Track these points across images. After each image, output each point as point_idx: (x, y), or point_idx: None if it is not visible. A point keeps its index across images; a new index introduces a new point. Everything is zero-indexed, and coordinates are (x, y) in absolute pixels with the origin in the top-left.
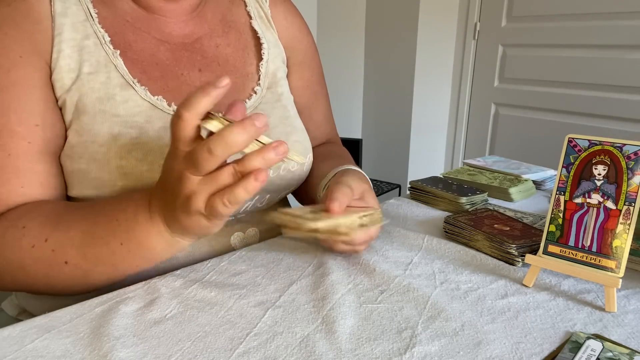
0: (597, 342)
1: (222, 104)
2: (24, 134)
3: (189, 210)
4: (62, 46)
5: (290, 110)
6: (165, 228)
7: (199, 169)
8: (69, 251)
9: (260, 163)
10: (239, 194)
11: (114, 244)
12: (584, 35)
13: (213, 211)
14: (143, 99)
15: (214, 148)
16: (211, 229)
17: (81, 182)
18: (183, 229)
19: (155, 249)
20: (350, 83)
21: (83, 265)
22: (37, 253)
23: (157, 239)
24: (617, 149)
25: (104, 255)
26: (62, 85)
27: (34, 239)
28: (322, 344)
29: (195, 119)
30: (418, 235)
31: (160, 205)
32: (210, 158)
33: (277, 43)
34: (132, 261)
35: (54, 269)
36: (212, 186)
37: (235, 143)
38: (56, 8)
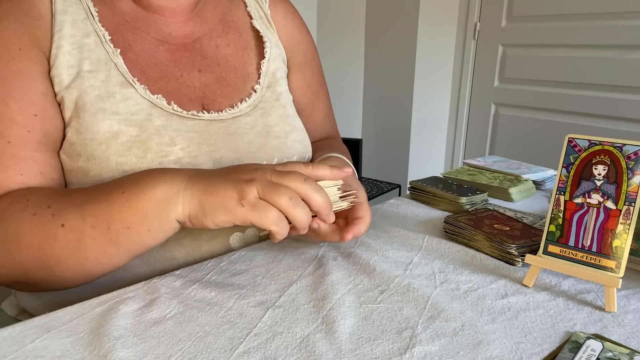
0: (597, 342)
1: (223, 103)
2: (24, 123)
3: (237, 186)
4: (62, 42)
5: (290, 109)
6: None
7: (281, 175)
8: (68, 212)
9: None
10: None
11: (116, 195)
12: (584, 35)
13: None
14: (143, 97)
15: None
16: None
17: (80, 180)
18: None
19: (153, 200)
20: (350, 83)
21: (79, 227)
22: (36, 220)
23: (162, 187)
24: (617, 149)
25: (102, 210)
26: (60, 82)
27: (36, 208)
28: (322, 344)
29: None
30: (418, 235)
31: (198, 172)
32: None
33: (278, 43)
34: (125, 217)
35: (49, 235)
36: (272, 192)
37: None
38: (57, 6)
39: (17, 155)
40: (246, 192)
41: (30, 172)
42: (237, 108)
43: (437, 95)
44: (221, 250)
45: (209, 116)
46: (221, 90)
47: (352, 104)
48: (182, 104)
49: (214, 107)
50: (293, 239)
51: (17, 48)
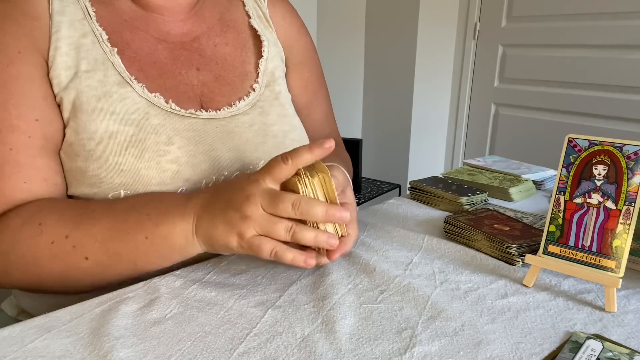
0: (597, 342)
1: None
2: (25, 129)
3: (234, 227)
4: (60, 44)
5: (288, 108)
6: (192, 227)
7: (273, 207)
8: (91, 247)
9: (310, 240)
10: (286, 257)
11: (140, 238)
12: (584, 35)
13: (254, 247)
14: (140, 97)
15: (298, 206)
16: (230, 252)
17: (79, 180)
18: (210, 237)
19: (175, 245)
20: (350, 83)
21: (104, 261)
22: (56, 249)
23: (180, 235)
24: (617, 149)
25: (127, 250)
26: (58, 83)
27: (52, 236)
28: (322, 344)
29: (295, 168)
30: (418, 235)
31: (202, 207)
32: (289, 209)
33: (276, 42)
34: (150, 257)
35: (71, 265)
36: (269, 228)
37: (315, 215)
38: (54, 6)
39: (19, 163)
40: (244, 233)
41: (34, 179)
42: (235, 107)
43: (437, 95)
44: None
45: (207, 115)
46: (219, 89)
47: (352, 104)
48: (181, 102)
49: (212, 106)
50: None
51: (16, 51)
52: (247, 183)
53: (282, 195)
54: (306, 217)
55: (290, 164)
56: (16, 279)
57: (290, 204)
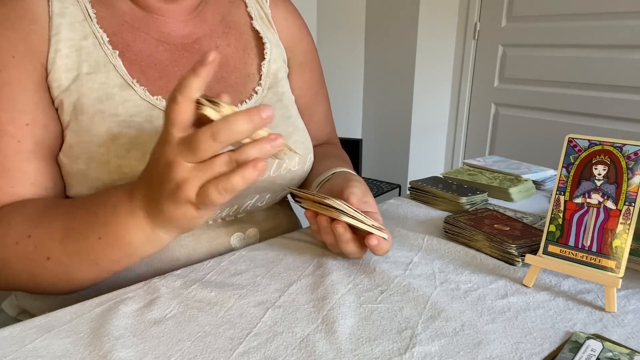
0: (597, 342)
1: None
2: (14, 133)
3: (178, 199)
4: (60, 46)
5: (292, 110)
6: (146, 221)
7: (196, 155)
8: (51, 246)
9: (257, 153)
10: (236, 182)
11: (93, 238)
12: (584, 35)
13: (205, 199)
14: (142, 99)
15: (217, 134)
16: (197, 221)
17: (80, 183)
18: (167, 221)
19: (133, 243)
20: (350, 83)
21: (65, 261)
22: (20, 249)
23: (135, 233)
24: (617, 149)
25: (84, 250)
26: (59, 85)
27: (17, 236)
28: (322, 344)
29: (190, 102)
30: (418, 235)
31: (144, 196)
32: (211, 144)
33: (278, 43)
34: (111, 256)
35: (37, 265)
36: (206, 173)
37: (240, 131)
38: (54, 8)
39: (6, 167)
40: (189, 197)
41: (21, 184)
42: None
43: (437, 95)
44: (222, 250)
45: None
46: (221, 91)
47: (352, 104)
48: None
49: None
50: (293, 239)
51: (10, 56)
52: (161, 147)
53: (195, 136)
54: (232, 138)
55: (181, 99)
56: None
57: (209, 137)
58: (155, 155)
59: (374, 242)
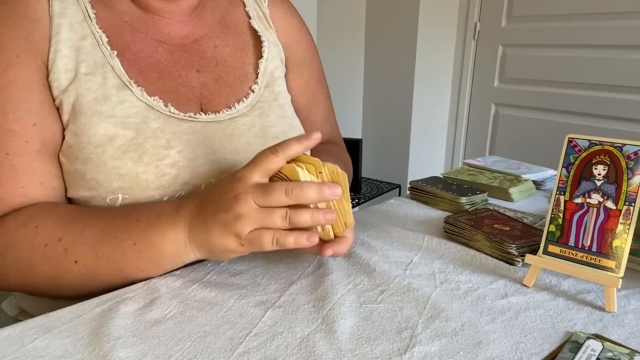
0: (597, 342)
1: (221, 104)
2: (22, 133)
3: (229, 229)
4: (60, 46)
5: (288, 109)
6: (185, 235)
7: (266, 199)
8: (81, 250)
9: (309, 219)
10: (289, 241)
11: (128, 243)
12: (584, 35)
13: (256, 241)
14: (139, 100)
15: (291, 192)
16: (231, 255)
17: (77, 183)
18: (205, 243)
19: (165, 254)
20: (350, 83)
21: (92, 265)
22: (48, 252)
23: (171, 244)
24: (617, 149)
25: (115, 255)
26: (58, 86)
27: (46, 238)
28: (322, 344)
29: (284, 160)
30: (418, 235)
31: (193, 214)
32: (283, 197)
33: (276, 43)
34: (139, 264)
35: (62, 268)
36: (264, 219)
37: (308, 197)
38: (54, 8)
39: (15, 167)
40: (240, 232)
41: (30, 184)
42: (235, 109)
43: (437, 95)
44: None
45: (206, 118)
46: (219, 91)
47: (352, 104)
48: (180, 105)
49: (211, 108)
50: None
51: (14, 55)
52: (235, 182)
53: (273, 185)
54: (300, 200)
55: (280, 156)
56: (11, 281)
57: (283, 191)
58: (224, 186)
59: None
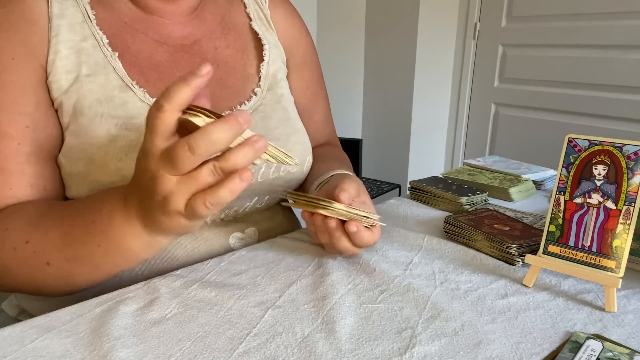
0: (597, 342)
1: (220, 105)
2: (14, 135)
3: (168, 211)
4: (59, 47)
5: (291, 111)
6: (143, 228)
7: (177, 168)
8: (50, 252)
9: (242, 159)
10: (223, 195)
11: (92, 245)
12: (584, 35)
13: (193, 212)
14: (142, 101)
15: (196, 146)
16: (192, 228)
17: (79, 184)
18: (162, 229)
19: (133, 249)
20: (350, 83)
21: (65, 266)
22: (19, 255)
23: (134, 240)
24: (617, 149)
25: (84, 256)
26: (59, 87)
27: (15, 241)
28: (322, 344)
29: (176, 111)
30: (418, 235)
31: (137, 205)
32: (190, 157)
33: (277, 44)
34: (112, 261)
35: (37, 270)
36: (192, 186)
37: (218, 141)
38: (53, 9)
39: (5, 169)
40: (178, 208)
41: (20, 186)
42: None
43: (437, 95)
44: (221, 250)
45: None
46: (220, 92)
47: (352, 104)
48: None
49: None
50: (293, 239)
51: (9, 58)
52: (143, 159)
53: (174, 149)
54: (212, 149)
55: (168, 108)
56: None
57: (187, 151)
58: (140, 167)
59: (353, 229)
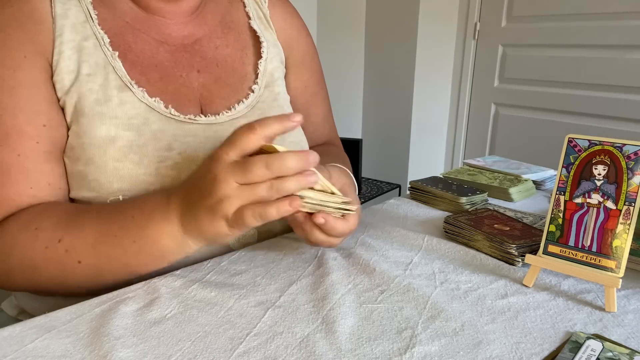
0: (597, 342)
1: (221, 104)
2: (32, 134)
3: (216, 213)
4: (63, 47)
5: (287, 110)
6: (179, 227)
7: (247, 176)
8: (83, 251)
9: (294, 185)
10: (270, 212)
11: (127, 242)
12: (584, 35)
13: (239, 220)
14: (140, 101)
15: (271, 163)
16: (226, 238)
17: (79, 184)
18: (199, 232)
19: (165, 248)
20: (350, 83)
21: (96, 264)
22: (50, 254)
23: (168, 238)
24: (617, 149)
25: (116, 253)
26: (62, 87)
27: (46, 240)
28: (322, 344)
29: (262, 138)
30: (418, 235)
31: (182, 204)
32: (264, 170)
33: (276, 43)
34: (142, 260)
35: (67, 268)
36: (249, 194)
37: (289, 167)
38: (57, 9)
39: (26, 168)
40: (227, 213)
41: (40, 185)
42: (235, 110)
43: (437, 95)
44: (219, 249)
45: (206, 120)
46: (219, 91)
47: (352, 104)
48: (181, 105)
49: (211, 109)
50: (293, 239)
51: (22, 56)
52: (212, 163)
53: (251, 160)
54: (282, 171)
55: (258, 134)
56: (18, 282)
57: (264, 165)
58: (203, 169)
59: (320, 221)
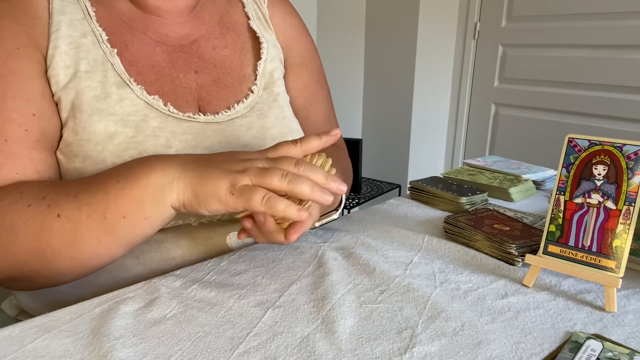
0: (597, 342)
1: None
2: (21, 122)
3: (228, 176)
4: (59, 42)
5: (287, 111)
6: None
7: (275, 162)
8: (64, 202)
9: (307, 189)
10: (280, 205)
11: (110, 184)
12: (584, 35)
13: (246, 193)
14: (139, 98)
15: (302, 164)
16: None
17: None
18: (196, 182)
19: (149, 186)
20: (350, 83)
21: (75, 217)
22: (31, 211)
23: (157, 174)
24: (617, 149)
25: (97, 199)
26: (57, 82)
27: (30, 199)
28: (322, 344)
29: (303, 153)
30: (418, 235)
31: (193, 157)
32: (292, 166)
33: (275, 43)
34: (121, 207)
35: (45, 226)
36: (263, 177)
37: (315, 178)
38: (54, 5)
39: (13, 154)
40: (236, 181)
41: (27, 171)
42: (234, 110)
43: (437, 95)
44: (218, 249)
45: (205, 118)
46: (217, 92)
47: (352, 104)
48: (179, 106)
49: (210, 109)
50: None
51: (15, 47)
52: (253, 153)
53: (285, 156)
54: (307, 174)
55: (299, 147)
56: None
57: (293, 162)
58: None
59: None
